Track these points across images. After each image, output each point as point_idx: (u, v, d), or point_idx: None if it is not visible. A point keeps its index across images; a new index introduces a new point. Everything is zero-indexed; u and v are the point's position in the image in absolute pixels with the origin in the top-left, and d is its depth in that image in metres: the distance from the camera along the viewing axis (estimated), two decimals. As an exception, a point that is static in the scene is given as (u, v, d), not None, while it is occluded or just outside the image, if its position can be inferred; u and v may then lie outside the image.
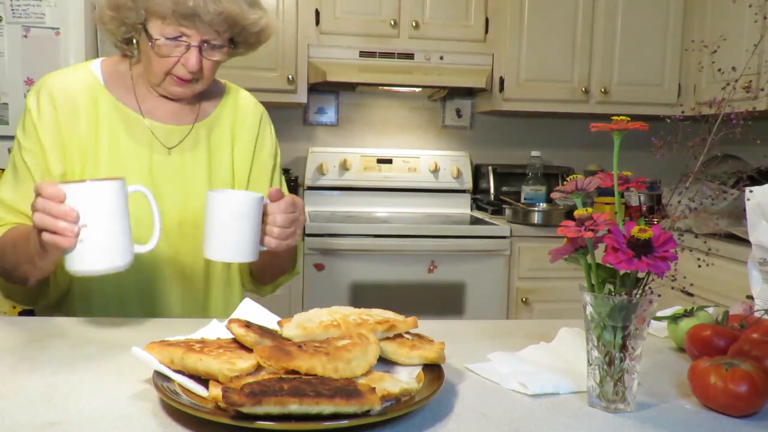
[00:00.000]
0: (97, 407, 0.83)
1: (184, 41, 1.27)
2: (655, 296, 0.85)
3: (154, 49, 1.27)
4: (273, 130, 1.56)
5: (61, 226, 0.99)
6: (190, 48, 1.27)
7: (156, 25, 1.26)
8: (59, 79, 1.35)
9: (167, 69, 1.30)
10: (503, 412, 0.86)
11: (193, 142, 1.41)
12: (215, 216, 1.14)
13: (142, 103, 1.39)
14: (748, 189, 1.20)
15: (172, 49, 1.28)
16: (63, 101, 1.33)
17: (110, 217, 1.03)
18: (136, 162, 1.36)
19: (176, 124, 1.41)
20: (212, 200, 1.15)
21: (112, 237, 1.03)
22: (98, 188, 1.03)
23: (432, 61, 3.07)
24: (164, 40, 1.27)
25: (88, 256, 1.02)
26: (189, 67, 1.28)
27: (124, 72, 1.40)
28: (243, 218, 1.14)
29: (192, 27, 1.26)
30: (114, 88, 1.38)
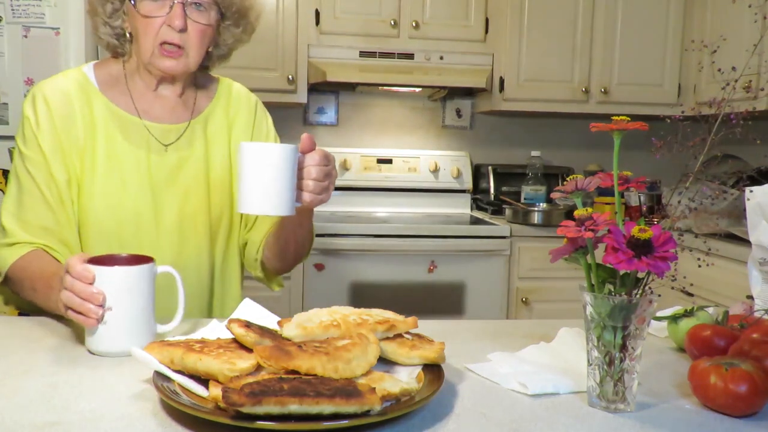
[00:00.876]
0: (97, 407, 0.83)
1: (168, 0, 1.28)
2: (655, 296, 0.85)
3: (138, 9, 1.28)
4: (270, 118, 1.56)
5: (87, 307, 1.01)
6: (173, 5, 1.28)
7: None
8: (53, 84, 1.35)
9: (153, 34, 1.30)
10: (503, 412, 0.86)
11: (189, 140, 1.41)
12: (252, 168, 1.10)
13: (138, 103, 1.39)
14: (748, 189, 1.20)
15: (156, 8, 1.28)
16: (58, 106, 1.32)
17: (136, 302, 1.04)
18: (133, 163, 1.36)
19: (172, 122, 1.40)
20: (248, 152, 1.11)
21: (135, 321, 1.04)
22: (127, 273, 1.04)
23: (432, 61, 3.07)
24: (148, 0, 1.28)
25: (109, 339, 1.03)
26: (174, 24, 1.28)
27: (117, 73, 1.40)
28: (281, 169, 1.10)
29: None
30: (108, 91, 1.38)
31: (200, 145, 1.42)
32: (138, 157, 1.36)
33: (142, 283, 1.04)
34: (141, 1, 1.28)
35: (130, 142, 1.36)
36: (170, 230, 1.36)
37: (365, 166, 3.35)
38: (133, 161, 1.35)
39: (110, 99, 1.37)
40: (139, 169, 1.36)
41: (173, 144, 1.39)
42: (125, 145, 1.35)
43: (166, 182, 1.37)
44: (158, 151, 1.38)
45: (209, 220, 1.41)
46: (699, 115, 0.91)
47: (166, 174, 1.38)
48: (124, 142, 1.35)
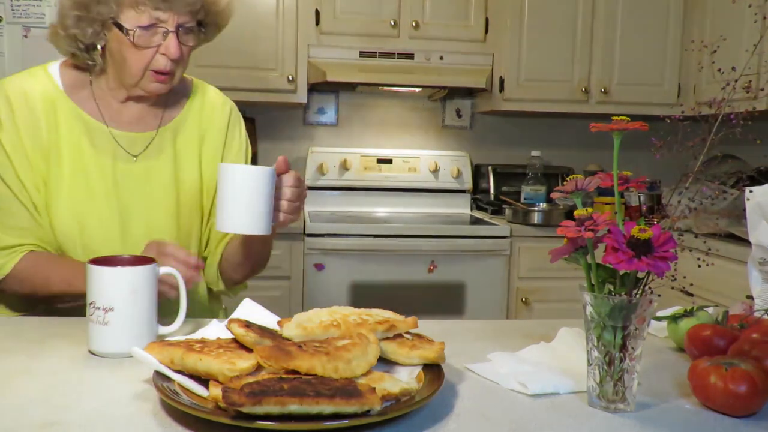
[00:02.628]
0: (97, 407, 0.83)
1: (161, 27, 1.24)
2: (655, 296, 0.85)
3: (133, 40, 1.23)
4: (243, 126, 1.52)
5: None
6: (168, 34, 1.25)
7: (129, 16, 1.23)
8: (16, 83, 1.31)
9: (146, 63, 1.26)
10: (503, 412, 0.86)
11: (157, 149, 1.38)
12: (233, 189, 1.16)
13: (104, 110, 1.35)
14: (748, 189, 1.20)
15: (150, 38, 1.24)
16: (20, 106, 1.29)
17: (138, 303, 1.04)
18: (99, 171, 1.33)
19: (140, 130, 1.37)
20: (229, 173, 1.16)
21: (137, 322, 1.04)
22: (130, 274, 1.04)
23: (432, 61, 3.07)
24: (140, 30, 1.23)
25: (110, 340, 1.03)
26: (170, 54, 1.25)
27: (83, 79, 1.36)
28: (261, 191, 1.16)
29: (168, 10, 1.23)
30: (74, 94, 1.34)
31: (169, 155, 1.39)
32: (104, 165, 1.33)
33: (145, 284, 1.04)
34: (134, 31, 1.23)
35: (96, 149, 1.33)
36: (137, 241, 1.31)
37: (365, 166, 3.35)
38: (99, 169, 1.33)
39: (76, 103, 1.33)
40: (105, 178, 1.33)
41: (141, 153, 1.36)
42: (91, 151, 1.33)
43: (134, 192, 1.35)
44: (125, 159, 1.35)
45: (177, 233, 1.39)
46: (699, 115, 0.91)
47: (133, 183, 1.35)
48: (90, 148, 1.33)
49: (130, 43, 1.24)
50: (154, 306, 1.07)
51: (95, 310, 1.02)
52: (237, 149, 1.48)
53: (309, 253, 2.76)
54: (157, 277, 1.07)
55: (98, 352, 1.03)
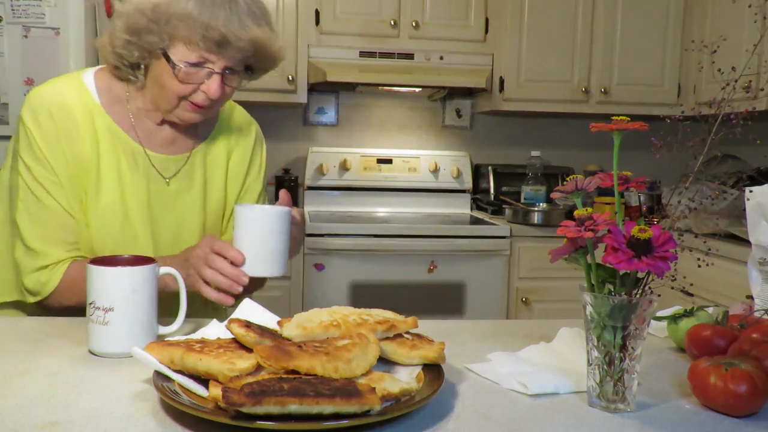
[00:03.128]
0: (97, 407, 0.83)
1: (207, 68, 1.24)
2: (655, 296, 0.85)
3: (177, 75, 1.23)
4: (264, 149, 1.54)
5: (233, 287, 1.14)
6: (212, 75, 1.24)
7: (179, 50, 1.22)
8: (54, 93, 1.29)
9: (184, 94, 1.26)
10: (503, 412, 0.86)
11: (188, 172, 1.39)
12: (251, 232, 1.15)
13: (139, 130, 1.35)
14: (748, 189, 1.20)
15: (194, 75, 1.24)
16: (61, 119, 1.28)
17: (139, 303, 1.04)
18: (135, 192, 1.33)
19: (172, 153, 1.38)
20: (246, 216, 1.16)
21: (137, 322, 1.04)
22: (130, 274, 1.04)
23: (432, 61, 3.07)
24: (187, 66, 1.22)
25: (111, 340, 1.03)
26: (211, 94, 1.25)
27: (119, 92, 1.34)
28: (279, 232, 1.16)
29: (217, 53, 1.23)
30: (110, 109, 1.33)
31: (199, 177, 1.41)
32: (139, 184, 1.34)
33: (145, 284, 1.04)
34: (180, 67, 1.22)
35: (133, 169, 1.33)
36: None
37: (365, 166, 3.35)
38: (135, 188, 1.33)
39: (113, 119, 1.32)
40: (140, 197, 1.34)
41: (173, 177, 1.38)
42: (128, 170, 1.33)
43: (164, 213, 1.36)
44: (158, 181, 1.36)
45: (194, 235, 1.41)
46: (699, 115, 0.91)
47: (164, 205, 1.36)
48: (127, 167, 1.33)
49: (172, 74, 1.24)
50: (154, 306, 1.07)
51: (95, 310, 1.02)
52: (256, 173, 1.51)
53: (309, 253, 2.76)
54: (157, 277, 1.07)
55: (98, 352, 1.03)
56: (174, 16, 1.20)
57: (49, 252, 1.26)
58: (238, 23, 1.21)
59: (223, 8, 1.20)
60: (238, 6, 1.22)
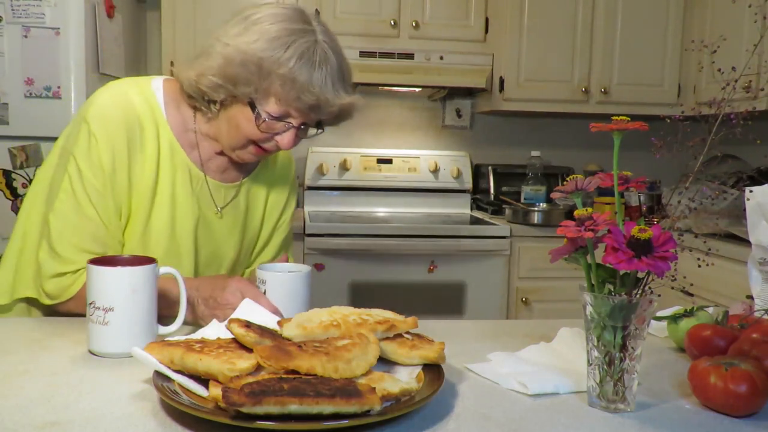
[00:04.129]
0: (97, 407, 0.83)
1: (288, 122, 1.25)
2: (655, 296, 0.85)
3: (258, 126, 1.24)
4: (297, 186, 1.58)
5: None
6: (290, 128, 1.26)
7: (268, 104, 1.23)
8: (127, 104, 1.26)
9: (257, 139, 1.27)
10: (503, 412, 0.86)
11: (236, 203, 1.40)
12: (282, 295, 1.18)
13: (202, 153, 1.34)
14: (748, 189, 1.20)
15: (274, 126, 1.25)
16: (131, 132, 1.25)
17: (138, 303, 1.04)
18: (185, 214, 1.32)
19: (224, 181, 1.39)
20: (278, 283, 1.18)
21: (137, 322, 1.04)
22: (130, 274, 1.04)
23: (432, 61, 3.07)
24: (269, 118, 1.23)
25: (110, 340, 1.03)
26: (283, 146, 1.27)
27: (186, 113, 1.33)
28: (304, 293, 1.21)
29: (302, 113, 1.24)
30: (175, 126, 1.31)
31: (242, 209, 1.42)
32: (190, 207, 1.33)
33: (145, 284, 1.04)
34: (264, 119, 1.23)
35: (187, 190, 1.32)
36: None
37: (365, 166, 3.35)
38: (185, 210, 1.32)
39: (177, 139, 1.31)
40: (189, 220, 1.33)
41: (226, 206, 1.38)
42: (181, 192, 1.31)
43: (207, 238, 1.37)
44: (209, 207, 1.36)
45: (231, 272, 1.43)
46: (699, 115, 0.91)
47: (209, 230, 1.37)
48: (181, 188, 1.31)
49: (252, 122, 1.24)
50: (154, 306, 1.07)
51: (95, 310, 1.02)
52: (290, 214, 1.54)
53: (309, 253, 2.76)
54: (157, 277, 1.07)
55: (98, 352, 1.03)
56: (275, 74, 1.19)
57: (73, 260, 1.23)
58: (332, 89, 1.24)
59: (319, 70, 1.22)
60: (330, 66, 1.25)
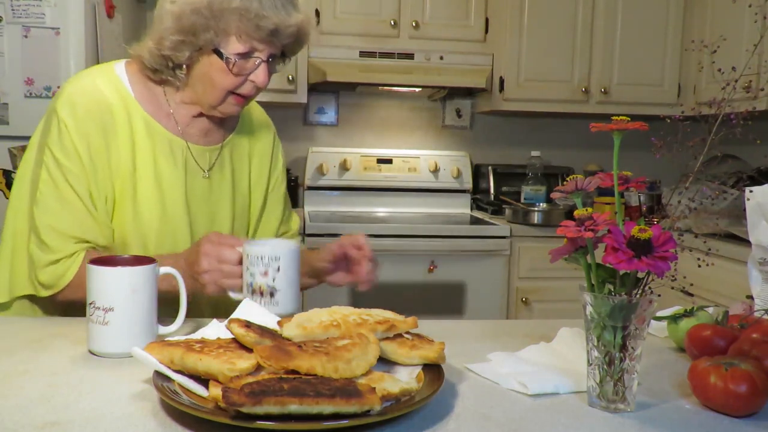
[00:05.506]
0: (97, 407, 0.83)
1: (256, 57, 1.26)
2: (655, 296, 0.85)
3: (231, 69, 1.25)
4: (281, 149, 1.58)
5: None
6: (260, 64, 1.27)
7: (230, 44, 1.24)
8: (93, 89, 1.28)
9: (233, 87, 1.28)
10: (503, 412, 0.86)
11: (220, 164, 1.41)
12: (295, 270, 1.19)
13: (179, 122, 1.35)
14: (748, 189, 1.20)
15: (245, 66, 1.26)
16: (100, 115, 1.26)
17: (138, 303, 1.04)
18: (173, 186, 1.33)
19: (206, 144, 1.39)
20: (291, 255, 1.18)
21: (137, 322, 1.04)
22: (130, 274, 1.04)
23: (432, 61, 3.07)
24: (238, 58, 1.24)
25: (110, 340, 1.03)
26: (259, 83, 1.28)
27: (155, 89, 1.34)
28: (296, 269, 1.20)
29: (268, 42, 1.25)
30: (147, 105, 1.32)
31: (228, 170, 1.42)
32: (177, 178, 1.34)
33: (145, 284, 1.04)
34: (233, 60, 1.24)
35: (170, 162, 1.33)
36: None
37: (365, 166, 3.35)
38: (172, 182, 1.33)
39: (149, 113, 1.32)
40: (177, 191, 1.34)
41: (210, 169, 1.39)
42: (165, 166, 1.32)
43: (200, 206, 1.37)
44: (195, 173, 1.37)
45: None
46: (699, 115, 0.91)
47: (199, 196, 1.37)
48: (164, 162, 1.32)
49: (223, 69, 1.25)
50: (154, 306, 1.07)
51: (95, 310, 1.02)
52: (280, 171, 1.55)
53: (309, 253, 2.76)
54: (157, 277, 1.07)
55: (98, 352, 1.03)
56: (227, 10, 1.21)
57: (61, 247, 1.24)
58: (284, 11, 1.24)
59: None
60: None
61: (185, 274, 1.15)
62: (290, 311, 1.17)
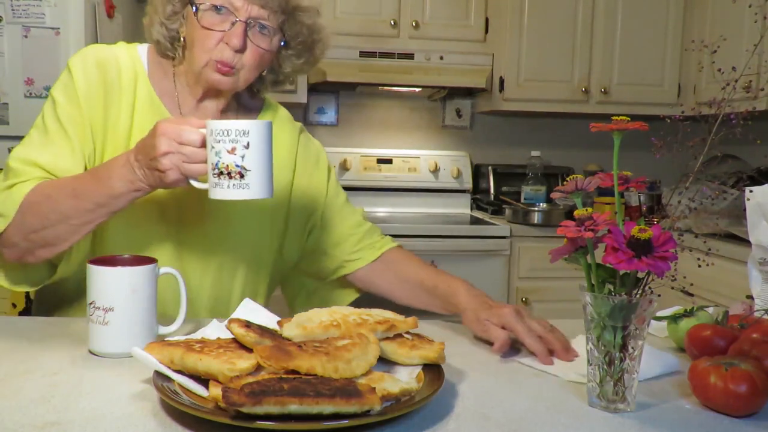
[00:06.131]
0: (97, 407, 0.83)
1: (230, 14, 1.19)
2: (655, 296, 0.85)
3: (198, 17, 1.19)
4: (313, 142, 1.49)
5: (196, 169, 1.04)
6: (235, 23, 1.19)
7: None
8: (110, 52, 1.27)
9: (210, 47, 1.22)
10: (503, 412, 0.86)
11: None
12: (266, 147, 1.04)
13: (182, 108, 1.32)
14: (748, 189, 1.20)
15: (217, 21, 1.20)
16: (109, 75, 1.25)
17: (139, 303, 1.03)
18: None
19: None
20: (262, 128, 1.03)
21: (137, 322, 1.04)
22: (130, 274, 1.03)
23: (432, 61, 3.07)
24: (209, 5, 1.19)
25: (111, 340, 1.02)
26: (231, 43, 1.19)
27: (167, 69, 1.32)
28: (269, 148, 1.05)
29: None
30: (156, 80, 1.30)
31: None
32: None
33: (145, 284, 1.04)
34: (203, 11, 1.20)
35: None
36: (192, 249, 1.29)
37: (365, 166, 3.35)
38: None
39: (156, 91, 1.29)
40: None
41: None
42: None
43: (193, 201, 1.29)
44: None
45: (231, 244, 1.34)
46: (699, 115, 0.91)
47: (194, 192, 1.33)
48: None
49: (198, 23, 1.21)
50: (154, 306, 1.07)
51: (95, 310, 1.02)
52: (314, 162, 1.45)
53: (309, 253, 2.76)
54: (157, 277, 1.07)
55: (98, 352, 1.03)
56: None
57: (26, 171, 1.17)
58: None
59: None
60: None
61: (142, 165, 1.06)
62: (262, 195, 1.04)
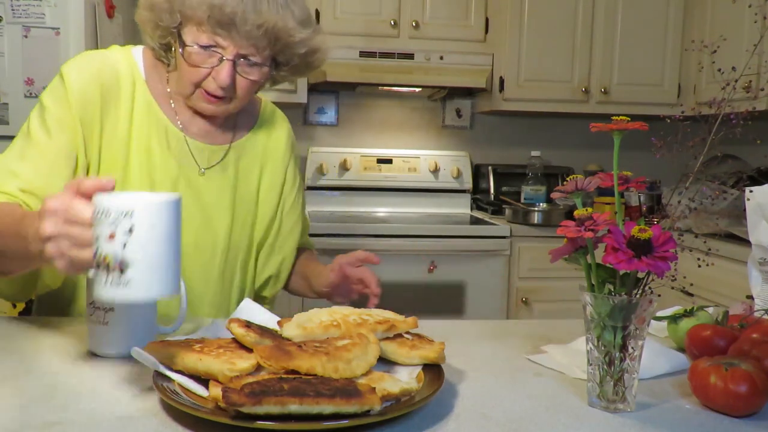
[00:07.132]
0: (97, 407, 0.83)
1: (217, 52, 1.18)
2: (655, 296, 0.85)
3: (184, 56, 1.19)
4: (299, 160, 1.51)
5: (80, 256, 0.82)
6: (223, 61, 1.18)
7: (191, 31, 1.18)
8: (107, 58, 1.25)
9: (197, 80, 1.21)
10: (503, 412, 0.86)
11: (223, 166, 1.34)
12: (157, 233, 0.80)
13: (179, 114, 1.31)
14: (748, 189, 1.20)
15: (204, 58, 1.19)
16: (108, 81, 1.23)
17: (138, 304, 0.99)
18: (166, 177, 1.27)
19: (209, 143, 1.33)
20: (150, 209, 0.80)
21: (137, 323, 1.03)
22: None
23: (432, 61, 3.07)
24: (196, 47, 1.18)
25: (111, 341, 1.02)
26: (219, 81, 1.19)
27: (162, 73, 1.31)
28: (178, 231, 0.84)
29: (227, 38, 1.17)
30: (153, 85, 1.28)
31: (231, 175, 1.35)
32: (170, 166, 1.28)
33: None
34: (188, 49, 1.18)
35: (164, 149, 1.28)
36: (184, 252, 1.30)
37: (365, 166, 3.35)
38: (164, 169, 1.28)
39: (153, 96, 1.28)
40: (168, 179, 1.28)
41: (209, 168, 1.32)
42: (158, 150, 1.27)
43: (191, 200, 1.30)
44: (191, 168, 1.31)
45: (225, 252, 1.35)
46: (699, 115, 0.91)
47: (192, 193, 1.30)
48: (158, 147, 1.27)
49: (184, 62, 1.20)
50: (154, 306, 1.07)
51: (95, 310, 1.02)
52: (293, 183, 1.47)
53: (309, 253, 2.76)
54: None
55: (98, 352, 1.03)
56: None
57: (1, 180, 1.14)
58: (252, 6, 1.14)
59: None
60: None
61: (33, 239, 0.89)
62: (149, 296, 0.82)
